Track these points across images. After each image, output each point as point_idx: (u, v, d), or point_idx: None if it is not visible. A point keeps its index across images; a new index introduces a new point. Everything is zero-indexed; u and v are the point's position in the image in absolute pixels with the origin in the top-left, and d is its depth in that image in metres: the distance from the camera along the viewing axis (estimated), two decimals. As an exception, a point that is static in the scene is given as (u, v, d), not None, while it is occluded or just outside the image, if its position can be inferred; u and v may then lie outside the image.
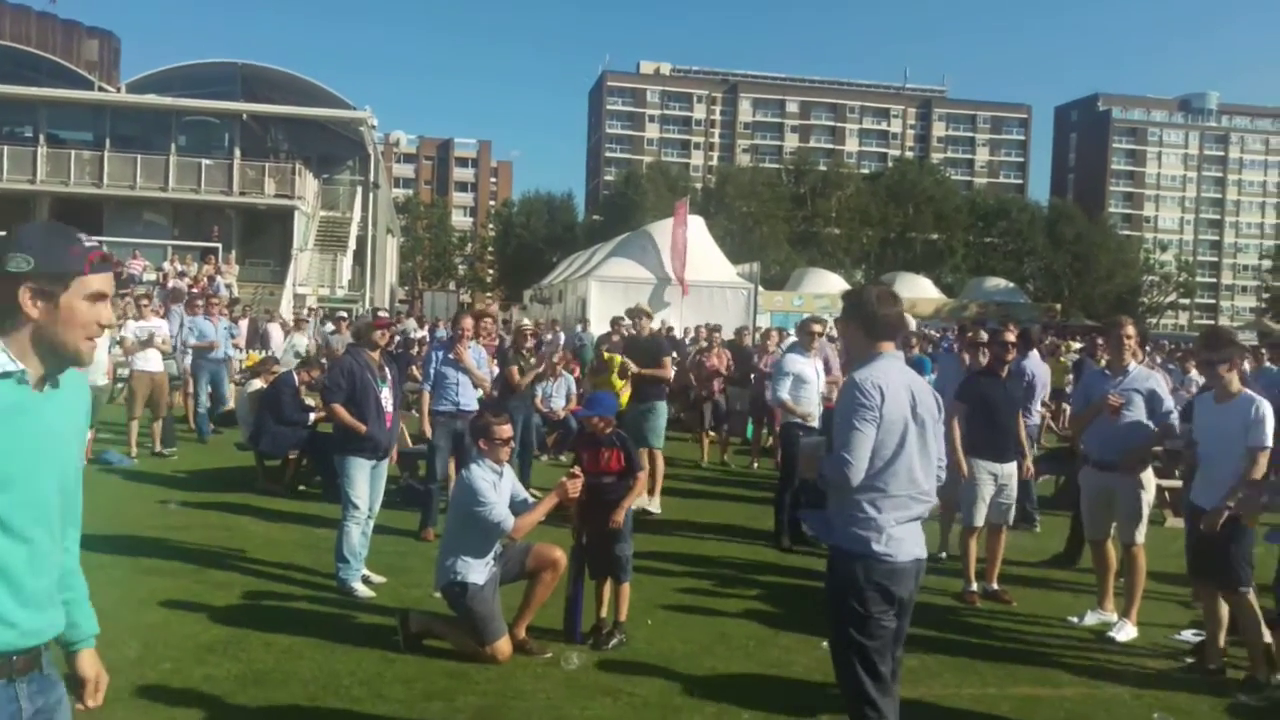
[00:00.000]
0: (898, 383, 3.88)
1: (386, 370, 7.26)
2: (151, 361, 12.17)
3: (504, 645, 5.56)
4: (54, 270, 2.16)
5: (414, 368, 13.97)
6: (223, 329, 14.63)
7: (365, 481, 6.98)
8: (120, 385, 13.58)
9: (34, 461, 2.18)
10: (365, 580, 7.01)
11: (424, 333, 23.24)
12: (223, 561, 7.45)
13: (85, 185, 34.55)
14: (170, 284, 24.88)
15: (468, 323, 9.09)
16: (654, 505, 10.02)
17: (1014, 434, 7.56)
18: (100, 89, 37.49)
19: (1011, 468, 7.44)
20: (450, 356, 8.85)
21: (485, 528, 5.62)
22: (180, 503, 9.53)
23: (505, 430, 5.90)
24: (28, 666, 2.22)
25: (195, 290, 21.52)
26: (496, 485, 5.73)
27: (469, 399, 8.83)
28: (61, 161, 34.58)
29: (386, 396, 7.10)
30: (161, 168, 34.93)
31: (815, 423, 8.95)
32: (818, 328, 9.37)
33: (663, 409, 10.31)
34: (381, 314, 8.84)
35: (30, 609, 2.20)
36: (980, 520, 7.32)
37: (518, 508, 5.79)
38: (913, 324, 15.91)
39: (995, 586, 7.43)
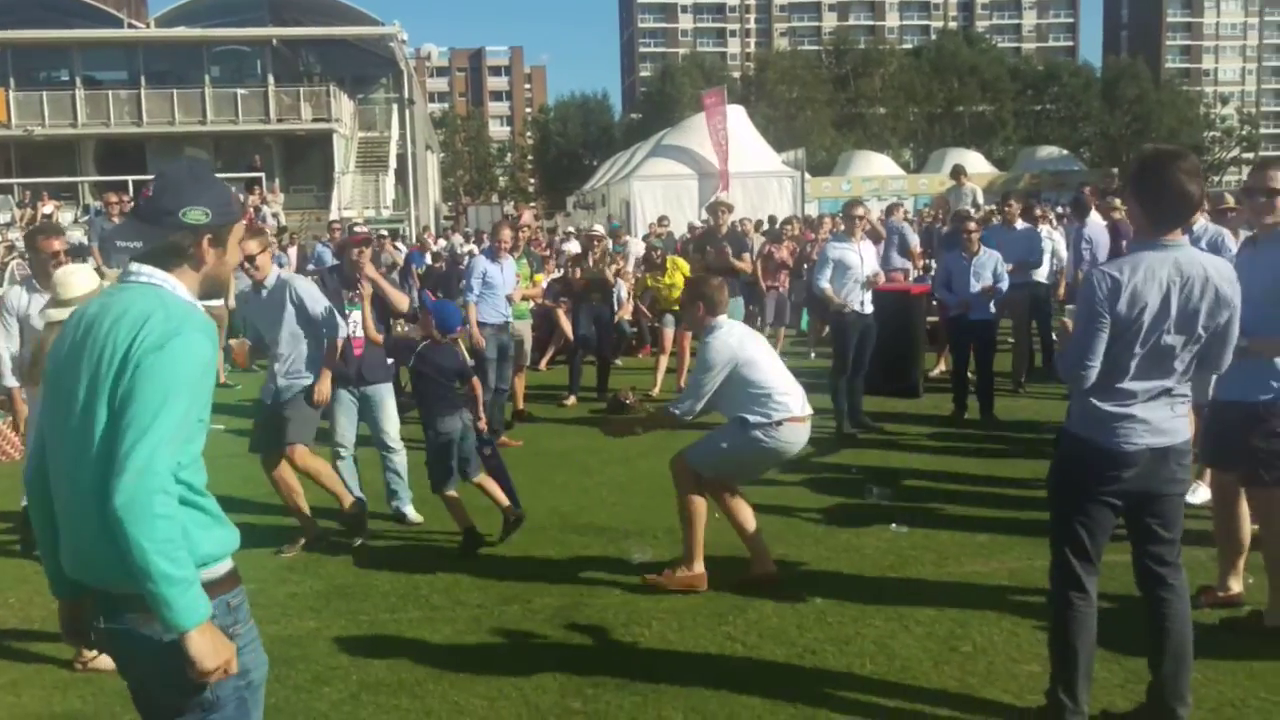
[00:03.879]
0: (1148, 279, 3.37)
1: (364, 290, 6.47)
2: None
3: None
4: (227, 220, 2.34)
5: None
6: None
7: (341, 413, 6.57)
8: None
9: None
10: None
11: (471, 246, 23.21)
12: (296, 483, 7.58)
13: (126, 125, 34.68)
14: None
15: (506, 234, 9.05)
16: None
17: None
18: (130, 26, 37.32)
19: None
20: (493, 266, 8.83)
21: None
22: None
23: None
24: None
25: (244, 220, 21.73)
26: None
27: (506, 310, 8.94)
28: (100, 103, 34.66)
29: (355, 320, 6.51)
30: (198, 101, 34.92)
31: (864, 308, 8.83)
32: (860, 211, 9.15)
33: (740, 304, 10.53)
34: (359, 229, 8.53)
35: None
36: None
37: None
38: (979, 197, 15.67)
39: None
